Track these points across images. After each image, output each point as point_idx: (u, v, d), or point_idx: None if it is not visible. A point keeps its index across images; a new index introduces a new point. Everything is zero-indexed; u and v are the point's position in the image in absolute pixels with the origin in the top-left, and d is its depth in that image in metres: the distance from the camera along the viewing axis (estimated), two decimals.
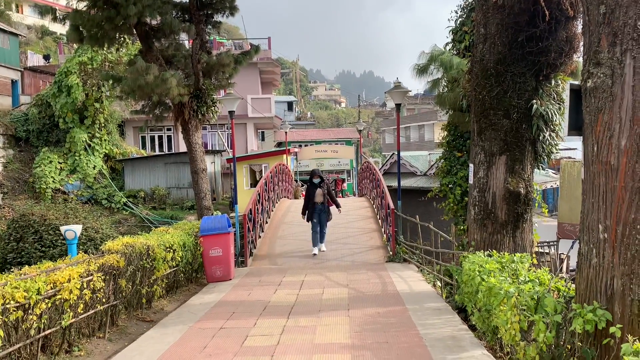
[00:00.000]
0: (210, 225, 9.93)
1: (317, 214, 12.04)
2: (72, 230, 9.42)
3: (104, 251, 6.95)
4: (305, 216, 12.23)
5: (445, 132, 12.06)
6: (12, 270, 5.34)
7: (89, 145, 25.19)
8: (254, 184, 25.53)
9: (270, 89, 38.41)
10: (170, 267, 8.54)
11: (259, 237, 13.71)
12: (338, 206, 12.45)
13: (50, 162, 24.51)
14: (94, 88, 24.89)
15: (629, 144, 3.71)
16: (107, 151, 25.97)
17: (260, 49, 17.27)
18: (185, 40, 20.23)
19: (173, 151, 29.71)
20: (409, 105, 61.26)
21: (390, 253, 12.05)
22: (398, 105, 12.57)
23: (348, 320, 6.83)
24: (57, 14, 13.47)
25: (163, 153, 28.92)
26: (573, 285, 4.49)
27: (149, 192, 25.08)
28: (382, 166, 27.30)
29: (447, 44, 11.70)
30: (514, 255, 6.28)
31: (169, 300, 8.63)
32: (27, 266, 5.66)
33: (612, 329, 3.65)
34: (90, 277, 6.01)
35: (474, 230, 8.07)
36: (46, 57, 44.75)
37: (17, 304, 4.71)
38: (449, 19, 11.78)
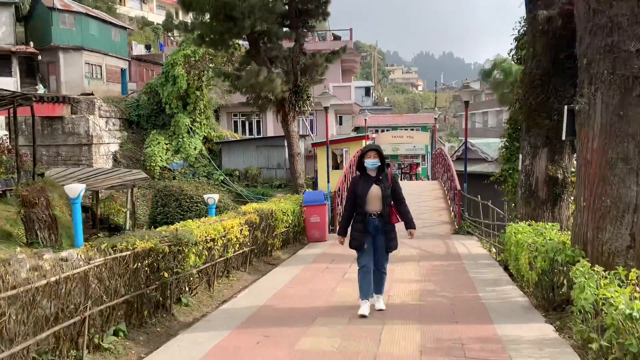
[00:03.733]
0: (311, 198, 12.70)
1: (371, 235, 6.21)
2: (212, 197, 12.50)
3: (244, 212, 9.81)
4: (347, 237, 6.42)
5: (507, 125, 14.08)
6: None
7: (191, 129, 28.41)
8: (335, 166, 28.21)
9: (349, 77, 40.73)
10: (285, 227, 11.38)
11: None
12: (410, 224, 6.39)
13: (158, 143, 27.80)
14: (195, 77, 28.14)
15: (597, 146, 5.91)
16: (205, 134, 29.04)
17: (343, 41, 19.70)
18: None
19: (261, 135, 32.85)
20: (488, 90, 61.36)
21: (456, 227, 14.34)
22: (466, 103, 14.74)
23: (417, 268, 9.33)
24: (188, 26, 16.61)
25: (255, 137, 32.00)
26: None
27: (242, 171, 27.92)
28: (455, 152, 29.11)
29: (510, 50, 13.69)
30: (546, 224, 8.46)
31: (282, 252, 11.48)
32: (203, 217, 8.56)
33: (582, 261, 5.92)
34: (241, 227, 8.86)
35: (520, 206, 10.27)
36: (147, 47, 49.62)
37: (210, 238, 7.58)
38: (513, 28, 13.74)
